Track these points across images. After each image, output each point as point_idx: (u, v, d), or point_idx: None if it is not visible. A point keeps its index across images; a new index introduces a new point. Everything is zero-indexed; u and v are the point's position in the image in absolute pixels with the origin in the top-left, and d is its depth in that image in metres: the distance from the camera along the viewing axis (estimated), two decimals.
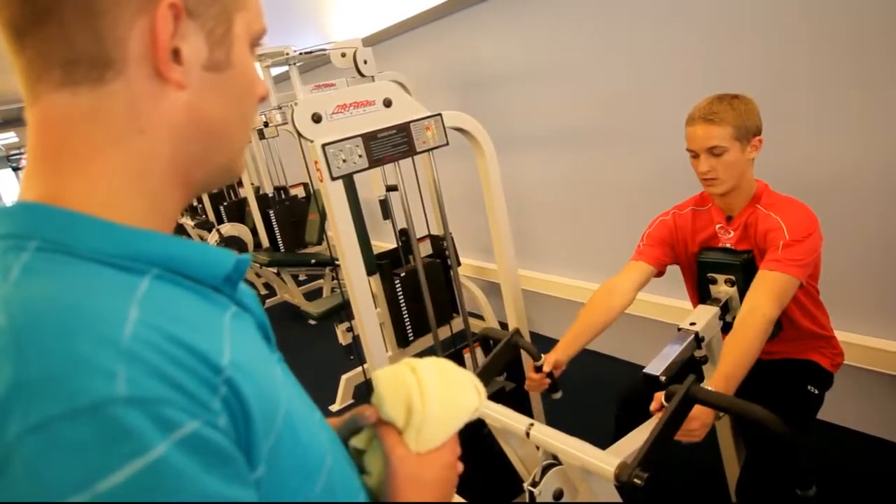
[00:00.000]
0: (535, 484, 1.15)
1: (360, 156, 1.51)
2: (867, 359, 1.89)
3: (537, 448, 1.21)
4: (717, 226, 1.58)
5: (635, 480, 0.99)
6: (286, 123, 2.93)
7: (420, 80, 3.39)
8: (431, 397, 0.64)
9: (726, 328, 1.53)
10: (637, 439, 1.36)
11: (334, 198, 1.49)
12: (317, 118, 1.45)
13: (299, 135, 1.47)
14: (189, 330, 0.43)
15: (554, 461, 1.19)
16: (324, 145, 1.44)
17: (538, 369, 1.44)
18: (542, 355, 1.45)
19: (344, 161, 1.49)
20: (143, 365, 0.38)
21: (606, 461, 1.04)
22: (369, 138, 1.51)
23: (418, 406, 0.63)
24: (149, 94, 0.47)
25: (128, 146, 0.47)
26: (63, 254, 0.43)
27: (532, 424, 1.19)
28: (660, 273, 1.67)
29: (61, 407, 0.34)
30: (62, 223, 0.45)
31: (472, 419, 0.69)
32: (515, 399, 1.92)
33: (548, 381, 1.46)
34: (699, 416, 1.17)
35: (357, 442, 0.67)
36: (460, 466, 0.69)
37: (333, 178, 1.47)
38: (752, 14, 1.92)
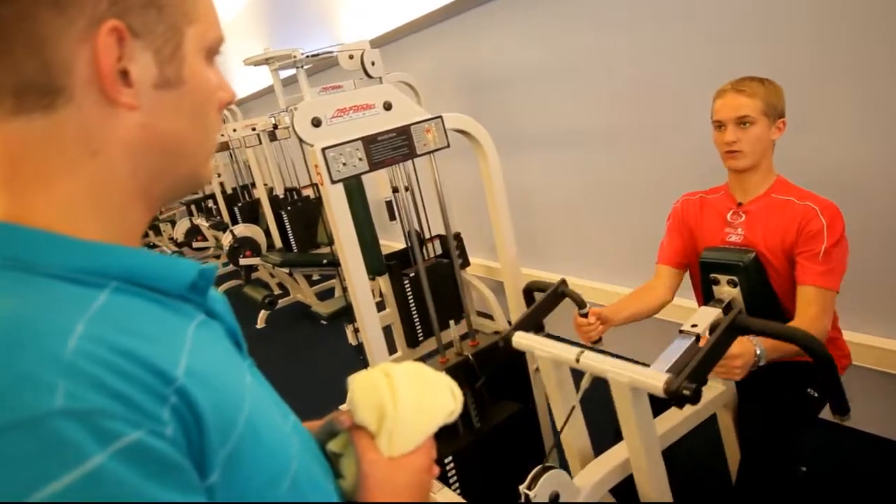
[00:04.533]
0: (530, 487, 1.15)
1: (360, 159, 1.52)
2: (876, 359, 1.86)
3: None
4: (729, 213, 1.56)
5: (684, 391, 1.05)
6: None
7: (429, 80, 3.39)
8: (403, 402, 0.65)
9: None
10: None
11: (334, 201, 1.50)
12: (316, 122, 1.46)
13: (300, 139, 1.48)
14: (142, 341, 0.44)
15: (551, 465, 1.19)
16: (324, 149, 1.45)
17: (584, 316, 1.48)
18: (588, 304, 1.50)
19: (344, 164, 1.49)
20: (84, 378, 0.39)
21: (655, 377, 1.11)
22: (369, 141, 1.52)
23: (390, 410, 0.64)
24: (100, 118, 0.48)
25: (83, 169, 0.48)
26: (21, 271, 0.45)
27: (582, 352, 1.26)
28: (685, 269, 1.69)
29: (2, 420, 0.36)
30: (21, 240, 0.46)
31: (447, 422, 0.70)
32: (522, 419, 1.94)
33: (599, 325, 1.49)
34: (741, 354, 1.23)
35: (334, 446, 0.68)
36: (436, 470, 0.70)
37: (333, 182, 1.48)
38: (759, 11, 1.89)
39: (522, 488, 1.16)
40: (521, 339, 1.40)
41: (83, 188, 0.48)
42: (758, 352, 1.25)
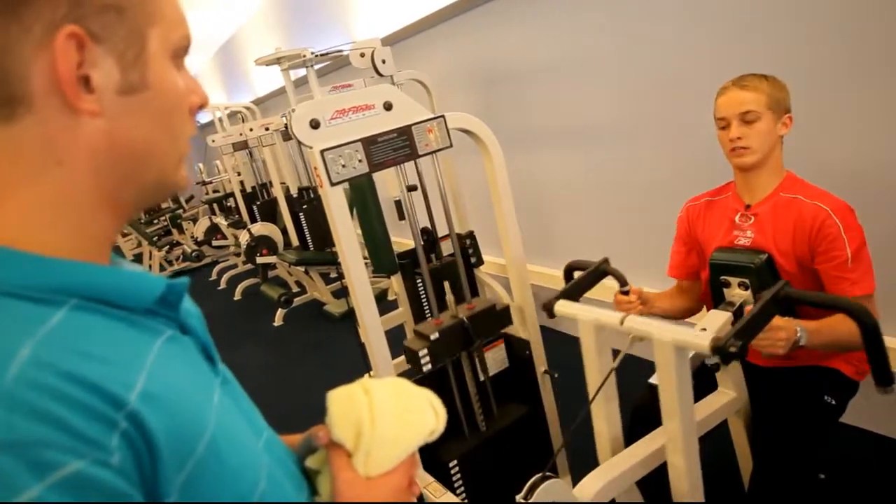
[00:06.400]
0: (527, 496, 1.12)
1: (359, 160, 1.50)
2: None
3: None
4: (737, 215, 1.51)
5: (731, 348, 1.05)
6: None
7: (442, 77, 3.36)
8: (381, 420, 0.63)
9: None
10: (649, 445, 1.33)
11: (334, 203, 1.48)
12: (315, 124, 1.45)
13: (299, 142, 1.47)
14: (95, 363, 0.43)
15: (550, 475, 1.16)
16: (322, 151, 1.44)
17: (625, 293, 1.49)
18: (629, 284, 1.51)
19: (343, 166, 1.48)
20: (23, 407, 0.38)
21: (700, 336, 1.12)
22: (369, 143, 1.50)
23: (367, 429, 0.62)
24: (62, 126, 0.46)
25: (46, 179, 0.47)
26: None
27: (626, 315, 1.26)
28: (698, 276, 1.66)
29: None
30: None
31: (428, 441, 0.68)
32: (530, 423, 1.92)
33: (639, 304, 1.50)
34: (785, 328, 1.22)
35: (312, 462, 0.66)
36: (417, 489, 0.68)
37: (333, 184, 1.46)
38: (775, 7, 1.83)
39: (519, 498, 1.13)
40: (563, 307, 1.43)
41: (47, 199, 0.47)
42: (798, 331, 1.24)
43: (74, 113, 0.46)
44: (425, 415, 0.68)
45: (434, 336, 1.67)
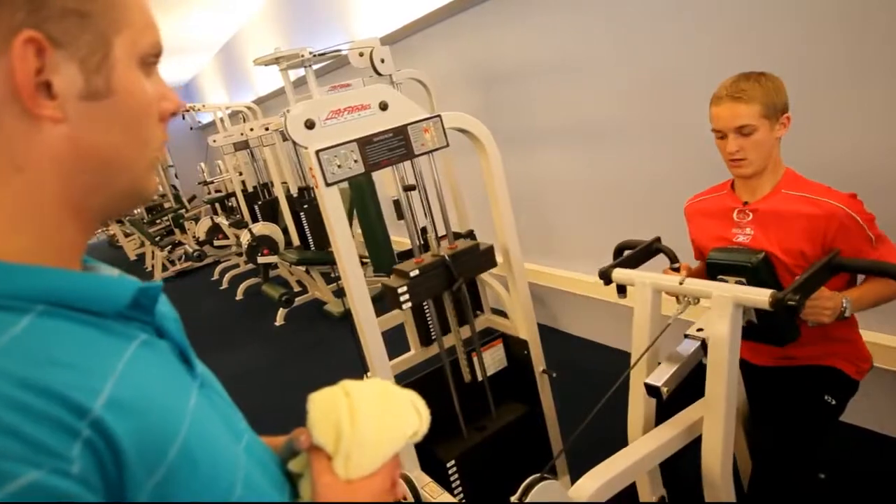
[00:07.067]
0: (521, 498, 1.12)
1: (355, 161, 1.49)
2: None
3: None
4: (735, 211, 1.50)
5: (790, 302, 1.13)
6: None
7: (441, 76, 3.36)
8: (362, 422, 0.62)
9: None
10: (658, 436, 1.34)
11: (330, 204, 1.48)
12: (310, 124, 1.44)
13: (294, 142, 1.46)
14: (60, 371, 0.42)
15: (547, 476, 1.15)
16: (318, 152, 1.44)
17: (675, 270, 1.54)
18: (680, 261, 1.58)
19: (339, 167, 1.47)
20: None
21: (759, 293, 1.20)
22: (364, 143, 1.50)
23: (347, 431, 0.61)
24: (22, 133, 0.46)
25: (7, 185, 0.47)
26: None
27: (685, 277, 1.36)
28: None
29: None
30: None
31: (412, 442, 0.67)
32: (528, 422, 1.92)
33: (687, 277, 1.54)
34: (832, 297, 1.29)
35: (294, 466, 0.66)
36: (400, 491, 0.67)
37: (328, 185, 1.46)
38: (775, 6, 1.81)
39: (514, 499, 1.13)
40: (620, 274, 1.51)
41: (8, 206, 0.47)
42: (844, 303, 1.29)
43: (35, 119, 0.46)
44: (408, 416, 0.67)
45: (414, 273, 1.65)
